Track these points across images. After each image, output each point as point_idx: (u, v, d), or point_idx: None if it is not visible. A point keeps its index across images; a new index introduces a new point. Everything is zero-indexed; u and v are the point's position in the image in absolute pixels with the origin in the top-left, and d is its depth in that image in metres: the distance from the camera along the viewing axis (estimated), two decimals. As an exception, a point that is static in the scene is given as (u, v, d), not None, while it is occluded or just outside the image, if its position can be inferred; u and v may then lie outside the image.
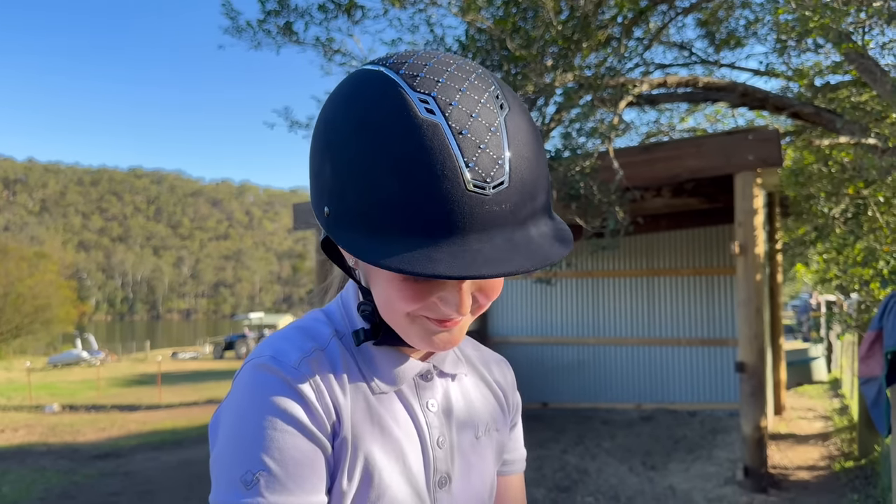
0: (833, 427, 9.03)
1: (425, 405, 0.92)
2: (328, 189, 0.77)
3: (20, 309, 41.51)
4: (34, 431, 12.91)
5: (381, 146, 0.72)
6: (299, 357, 0.84)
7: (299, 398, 0.81)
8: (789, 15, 5.75)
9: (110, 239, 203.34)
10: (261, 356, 0.84)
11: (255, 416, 0.80)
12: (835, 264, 8.10)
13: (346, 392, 0.86)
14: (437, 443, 0.91)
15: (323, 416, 0.82)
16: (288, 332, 0.89)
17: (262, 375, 0.82)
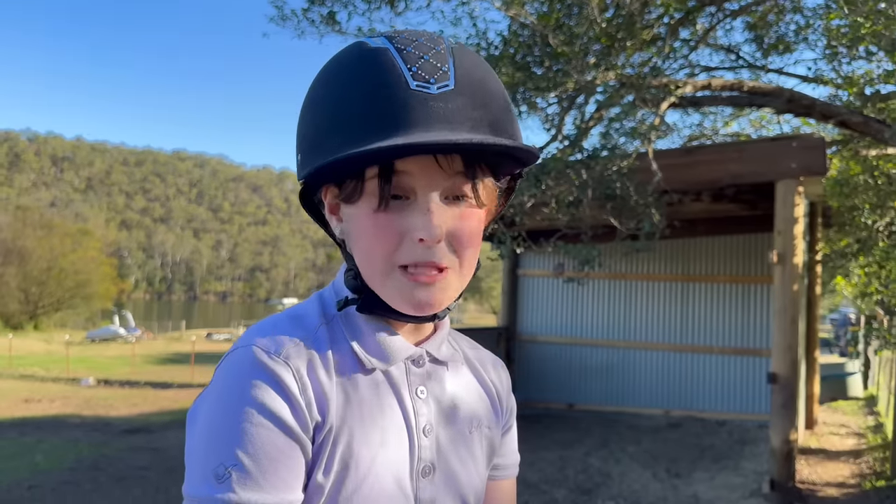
0: (866, 444, 8.83)
1: (415, 391, 0.89)
2: (298, 141, 0.85)
3: (62, 283, 42.56)
4: (69, 403, 13.23)
5: (334, 78, 0.82)
6: (285, 347, 0.81)
7: (281, 391, 0.78)
8: (841, 20, 5.61)
9: (152, 219, 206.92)
10: (246, 344, 0.81)
11: (233, 407, 0.77)
12: (876, 278, 7.91)
13: (333, 380, 0.83)
14: (423, 431, 0.88)
15: (305, 412, 0.79)
16: (277, 319, 0.86)
17: (245, 365, 0.79)
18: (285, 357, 0.80)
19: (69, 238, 48.30)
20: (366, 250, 0.83)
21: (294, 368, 0.79)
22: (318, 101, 0.83)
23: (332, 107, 0.81)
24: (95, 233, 66.79)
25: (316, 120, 0.82)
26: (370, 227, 0.82)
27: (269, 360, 0.79)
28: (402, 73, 0.78)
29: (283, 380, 0.78)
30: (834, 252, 10.17)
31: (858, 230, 7.49)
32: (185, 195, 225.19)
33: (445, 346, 0.94)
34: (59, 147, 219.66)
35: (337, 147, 0.78)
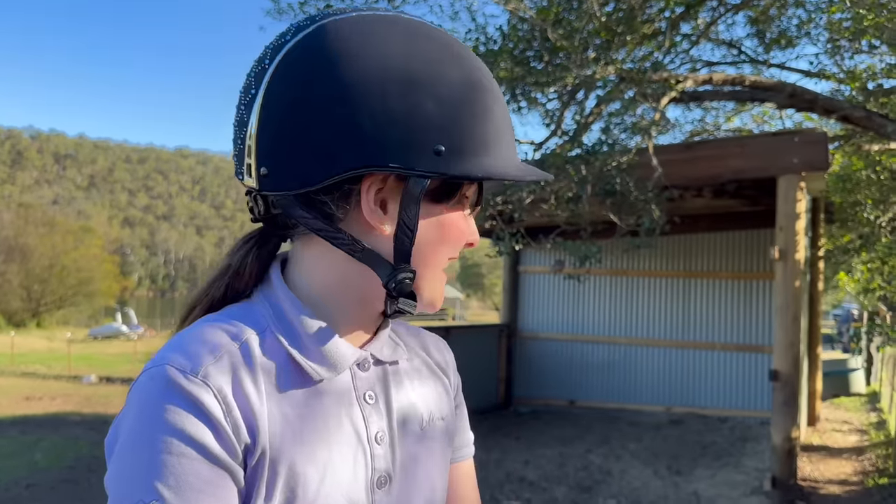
0: (868, 441, 8.78)
1: (362, 397, 0.83)
2: (435, 125, 0.74)
3: (64, 281, 42.60)
4: (70, 401, 13.22)
5: (469, 74, 0.78)
6: (204, 363, 0.72)
7: (202, 416, 0.70)
8: (843, 13, 5.55)
9: (155, 217, 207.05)
10: (158, 364, 0.73)
11: (149, 436, 0.69)
12: (879, 274, 7.85)
13: (263, 398, 0.75)
14: (375, 439, 0.82)
15: (231, 437, 0.71)
16: (195, 331, 0.77)
17: (159, 387, 0.71)
18: (204, 376, 0.71)
19: (72, 235, 48.35)
20: (436, 246, 0.81)
21: (215, 388, 0.71)
22: (461, 88, 0.77)
23: (480, 101, 0.78)
24: (98, 230, 66.88)
25: (466, 112, 0.77)
26: (456, 226, 0.81)
27: (185, 381, 0.71)
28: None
29: (203, 403, 0.70)
30: (836, 248, 10.11)
31: (861, 226, 7.43)
32: (187, 192, 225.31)
33: (388, 345, 0.89)
34: (61, 145, 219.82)
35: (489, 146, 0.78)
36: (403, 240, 0.77)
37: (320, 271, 0.81)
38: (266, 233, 0.86)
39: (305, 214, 0.77)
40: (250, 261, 0.84)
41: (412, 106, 0.73)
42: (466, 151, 0.75)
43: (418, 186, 0.75)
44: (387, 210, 0.77)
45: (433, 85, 0.75)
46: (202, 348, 0.74)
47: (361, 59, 0.73)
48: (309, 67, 0.74)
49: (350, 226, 0.78)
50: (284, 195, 0.77)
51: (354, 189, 0.76)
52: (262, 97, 0.76)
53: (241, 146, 0.79)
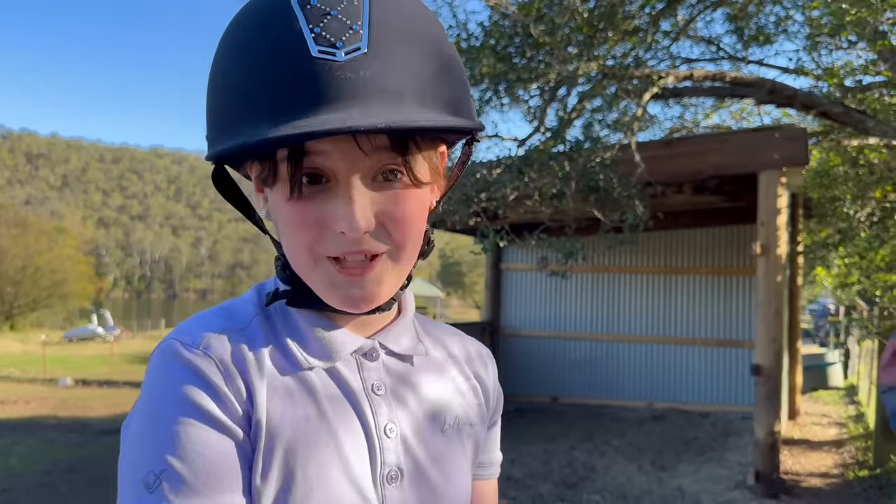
0: (848, 434, 8.88)
1: (370, 388, 0.80)
2: (210, 111, 0.75)
3: (38, 283, 41.97)
4: (46, 404, 13.01)
5: (233, 42, 0.72)
6: (204, 338, 0.74)
7: (203, 383, 0.71)
8: (822, 10, 5.59)
9: (130, 217, 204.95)
10: (165, 340, 0.75)
11: (156, 408, 0.71)
12: (857, 269, 7.94)
13: (264, 373, 0.74)
14: (384, 431, 0.79)
15: (234, 402, 0.72)
16: (205, 314, 0.79)
17: (164, 361, 0.73)
18: (205, 347, 0.73)
19: (45, 236, 47.64)
20: (287, 240, 0.74)
21: (216, 358, 0.73)
22: (218, 68, 0.73)
23: (232, 72, 0.70)
24: (72, 231, 66.02)
25: (217, 90, 0.73)
26: (287, 216, 0.72)
27: (187, 352, 0.72)
28: (304, 38, 0.65)
29: (204, 370, 0.72)
30: (814, 243, 10.22)
31: (839, 221, 7.50)
32: (163, 192, 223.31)
33: (407, 337, 0.84)
34: (33, 144, 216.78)
35: (239, 120, 0.69)
36: (259, 226, 0.83)
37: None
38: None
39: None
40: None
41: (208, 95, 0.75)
42: (226, 127, 0.70)
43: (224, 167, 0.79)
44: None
45: (212, 76, 0.75)
46: (204, 326, 0.76)
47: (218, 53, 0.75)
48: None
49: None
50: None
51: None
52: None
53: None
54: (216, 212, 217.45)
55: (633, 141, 5.97)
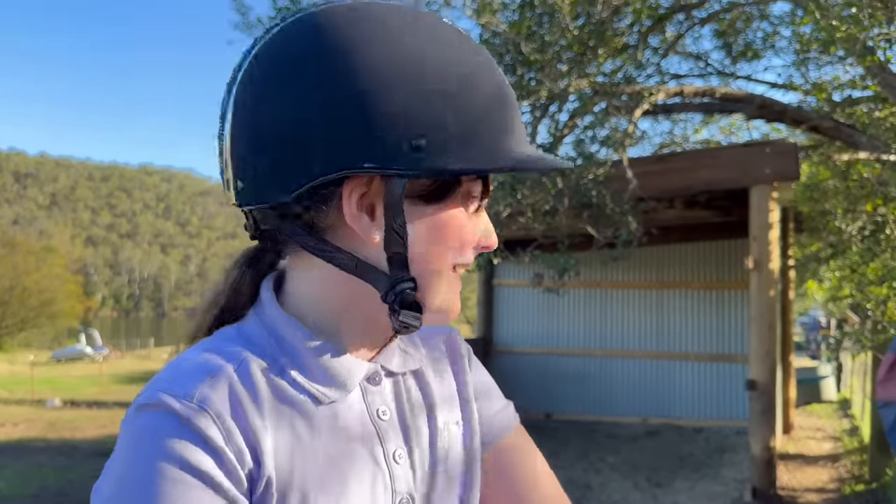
0: (843, 448, 8.87)
1: (375, 414, 0.76)
2: (412, 116, 0.66)
3: (26, 302, 41.63)
4: (34, 426, 12.84)
5: (446, 51, 0.70)
6: (199, 388, 0.66)
7: (201, 443, 0.64)
8: (811, 26, 5.63)
9: (118, 235, 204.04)
10: (151, 391, 0.66)
11: (144, 466, 0.63)
12: (849, 282, 7.95)
13: (267, 420, 0.69)
14: (394, 458, 0.76)
15: (235, 463, 0.65)
16: (187, 356, 0.71)
17: (152, 418, 0.65)
18: (200, 401, 0.65)
19: (33, 256, 47.34)
20: (438, 251, 0.72)
21: (213, 413, 0.65)
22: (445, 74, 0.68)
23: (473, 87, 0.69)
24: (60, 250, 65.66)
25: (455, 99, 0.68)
26: (457, 227, 0.73)
27: (180, 407, 0.65)
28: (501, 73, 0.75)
29: (202, 429, 0.64)
30: (805, 256, 10.25)
31: (831, 234, 7.53)
32: (152, 210, 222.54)
33: (397, 353, 0.82)
34: (21, 163, 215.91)
35: (490, 143, 0.69)
36: (393, 246, 0.70)
37: (315, 287, 0.75)
38: (260, 249, 0.80)
39: (289, 227, 0.72)
40: (246, 281, 0.79)
41: (387, 98, 0.66)
42: (450, 142, 0.67)
43: (398, 186, 0.68)
44: (374, 216, 0.70)
45: (414, 71, 0.67)
46: (196, 372, 0.68)
47: (324, 55, 0.67)
48: (270, 70, 0.69)
49: (338, 236, 0.71)
50: (261, 208, 0.72)
51: (336, 194, 0.69)
52: (231, 106, 0.71)
53: (221, 160, 0.74)
54: (205, 229, 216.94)
55: (625, 157, 5.99)
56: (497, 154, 0.69)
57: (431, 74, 0.67)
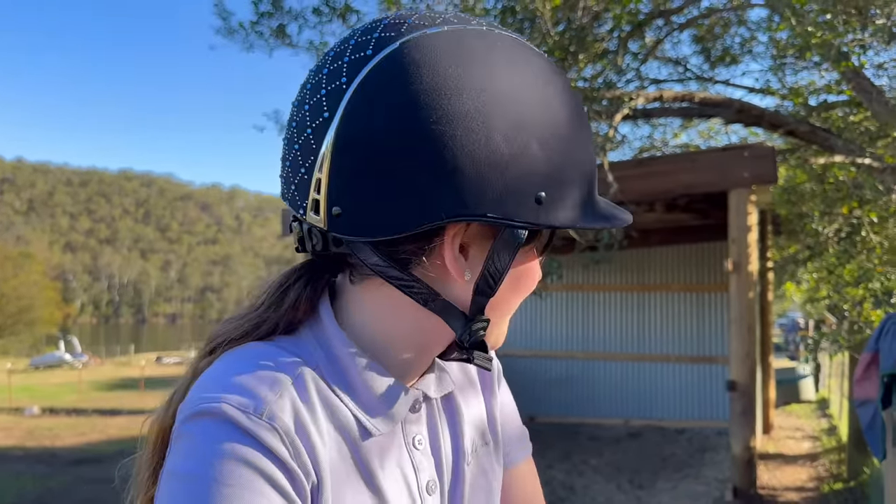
0: (821, 447, 8.98)
1: (411, 443, 0.76)
2: (539, 169, 0.66)
3: (3, 309, 41.12)
4: (12, 435, 12.70)
5: (570, 107, 0.70)
6: (266, 403, 0.64)
7: (273, 458, 0.63)
8: (787, 32, 5.72)
9: (98, 241, 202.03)
10: (212, 401, 0.64)
11: (222, 475, 0.61)
12: (826, 283, 8.06)
13: (325, 440, 0.68)
14: (427, 489, 0.76)
15: (304, 481, 0.64)
16: (245, 363, 0.68)
17: (222, 429, 0.62)
18: (269, 417, 0.64)
19: (10, 262, 46.75)
20: (513, 294, 0.74)
21: (282, 431, 0.64)
22: (565, 131, 0.69)
23: (582, 145, 0.71)
24: (38, 256, 64.84)
25: (572, 157, 0.69)
26: (534, 274, 0.76)
27: (250, 423, 0.63)
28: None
29: (272, 446, 0.63)
30: (783, 258, 10.37)
31: (808, 237, 7.63)
32: (131, 215, 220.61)
33: (436, 378, 0.81)
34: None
35: (591, 198, 0.72)
36: (486, 290, 0.69)
37: (382, 316, 0.73)
38: (318, 267, 0.77)
39: (379, 262, 0.68)
40: (304, 297, 0.75)
41: (518, 148, 0.64)
42: (566, 198, 0.68)
43: (516, 238, 0.67)
44: (468, 257, 0.69)
45: (538, 122, 0.66)
46: (260, 384, 0.65)
47: (463, 92, 0.63)
48: (399, 96, 0.63)
49: (426, 272, 0.69)
50: (359, 240, 0.67)
51: (438, 235, 0.67)
52: (337, 123, 0.64)
53: (307, 176, 0.67)
54: (186, 234, 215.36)
55: (606, 161, 6.04)
56: (595, 209, 0.72)
57: (554, 129, 0.67)
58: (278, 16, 5.87)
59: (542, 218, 0.66)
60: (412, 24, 0.67)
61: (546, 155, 0.66)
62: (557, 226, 0.68)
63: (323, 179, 0.65)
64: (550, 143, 0.67)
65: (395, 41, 0.65)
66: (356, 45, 0.66)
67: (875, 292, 6.02)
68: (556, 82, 0.70)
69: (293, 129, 0.68)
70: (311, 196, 0.67)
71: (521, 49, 0.69)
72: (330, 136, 0.64)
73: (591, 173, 0.72)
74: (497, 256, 0.68)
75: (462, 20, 0.68)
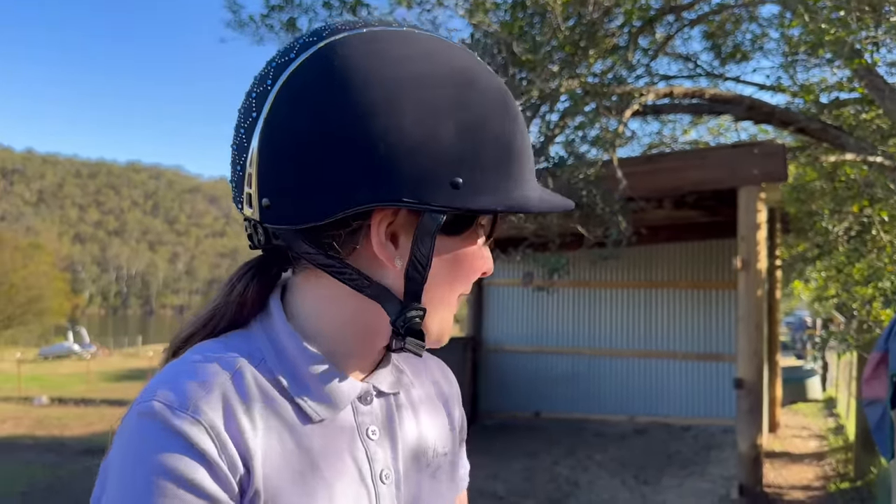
0: (828, 447, 8.96)
1: (365, 433, 0.77)
2: (453, 156, 0.68)
3: (13, 299, 41.31)
4: (21, 424, 12.79)
5: (489, 97, 0.72)
6: (192, 398, 0.67)
7: (195, 454, 0.65)
8: (799, 28, 5.69)
9: (106, 232, 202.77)
10: (146, 399, 0.67)
11: (138, 479, 0.64)
12: (835, 282, 8.04)
13: (258, 432, 0.69)
14: (381, 478, 0.77)
15: (228, 475, 0.66)
16: (185, 362, 0.72)
17: (147, 426, 0.66)
18: (193, 411, 0.66)
19: (20, 253, 46.95)
20: (449, 282, 0.75)
21: (207, 424, 0.66)
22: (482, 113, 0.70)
23: (500, 127, 0.72)
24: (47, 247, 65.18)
25: (488, 141, 0.71)
26: (472, 260, 0.76)
27: (174, 417, 0.65)
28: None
29: (195, 440, 0.65)
30: (792, 257, 10.34)
31: (817, 235, 7.60)
32: (139, 207, 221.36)
33: (391, 374, 0.83)
34: (8, 160, 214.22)
35: (517, 182, 0.72)
36: (415, 276, 0.71)
37: (324, 305, 0.75)
38: (266, 261, 0.80)
39: (310, 249, 0.72)
40: (251, 291, 0.78)
41: (429, 136, 0.67)
42: (486, 183, 0.70)
43: (433, 222, 0.69)
44: (398, 244, 0.71)
45: (452, 112, 0.69)
46: (192, 380, 0.69)
47: (375, 85, 0.67)
48: (316, 92, 0.68)
49: (358, 260, 0.72)
50: (287, 229, 0.71)
51: (364, 223, 0.70)
52: (263, 122, 0.69)
53: (241, 173, 0.72)
54: (194, 227, 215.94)
55: (615, 157, 6.03)
56: (523, 193, 0.72)
57: (468, 116, 0.69)
58: (289, 9, 5.88)
59: (458, 202, 0.69)
60: (335, 28, 0.71)
61: (460, 140, 0.69)
62: (476, 210, 0.70)
63: (253, 174, 0.70)
64: (467, 129, 0.69)
65: (316, 44, 0.70)
66: (283, 50, 0.72)
67: (885, 291, 6.00)
68: (477, 72, 0.72)
69: (234, 133, 0.74)
70: (245, 190, 0.72)
71: (437, 43, 0.73)
72: (257, 133, 0.69)
73: (520, 158, 0.73)
74: (420, 243, 0.70)
75: (384, 23, 0.73)
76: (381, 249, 0.71)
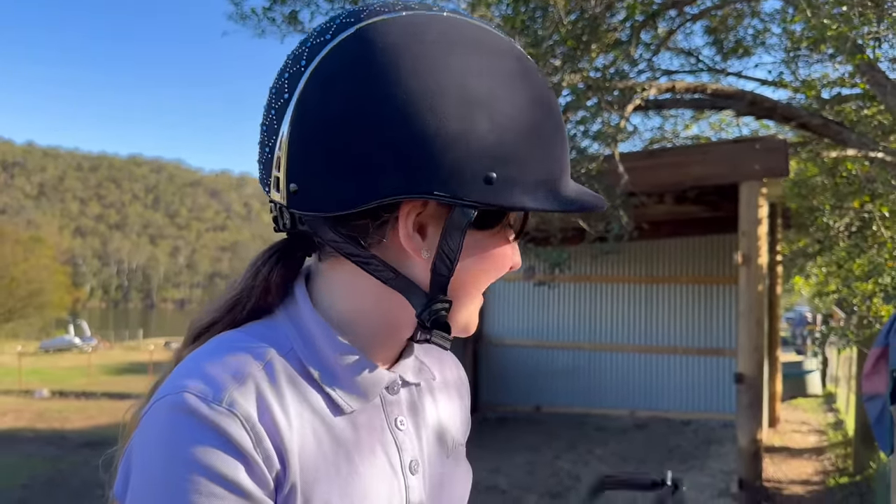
0: (827, 441, 8.98)
1: (394, 423, 0.77)
2: (489, 151, 0.66)
3: (14, 293, 41.39)
4: (22, 417, 12.81)
5: (532, 92, 0.70)
6: (227, 389, 0.65)
7: (231, 448, 0.63)
8: (802, 24, 5.69)
9: (107, 226, 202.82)
10: (177, 390, 0.65)
11: (172, 476, 0.62)
12: (835, 278, 8.04)
13: (293, 424, 0.68)
14: (410, 468, 0.76)
15: (264, 469, 0.65)
16: (213, 352, 0.70)
17: (179, 419, 0.63)
18: (229, 404, 0.64)
19: (21, 246, 47.01)
20: (476, 275, 0.74)
21: (242, 417, 0.64)
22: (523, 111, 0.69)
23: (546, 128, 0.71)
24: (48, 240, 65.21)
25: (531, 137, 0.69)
26: (501, 255, 0.75)
27: (209, 410, 0.63)
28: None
29: (231, 434, 0.63)
30: (793, 252, 10.34)
31: (818, 230, 7.60)
32: (140, 201, 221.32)
33: (413, 363, 0.83)
34: (9, 152, 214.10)
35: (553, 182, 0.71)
36: (442, 269, 0.70)
37: (349, 295, 0.74)
38: (291, 246, 0.78)
39: (336, 238, 0.70)
40: (276, 275, 0.77)
41: (467, 129, 0.65)
42: (521, 180, 0.68)
43: (464, 217, 0.68)
44: (425, 236, 0.70)
45: (492, 105, 0.67)
46: (224, 372, 0.67)
47: (414, 73, 0.65)
48: (352, 77, 0.65)
49: (384, 250, 0.71)
50: (315, 215, 0.70)
51: (392, 214, 0.69)
52: (294, 105, 0.67)
53: (270, 155, 0.70)
54: (195, 220, 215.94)
55: (617, 152, 6.03)
56: (559, 193, 0.71)
57: (508, 110, 0.68)
58: (290, 2, 5.87)
59: (490, 198, 0.67)
60: (372, 10, 0.69)
61: (498, 136, 0.67)
62: (507, 207, 0.68)
63: (283, 157, 0.68)
64: (504, 125, 0.67)
65: (352, 26, 0.68)
66: (319, 31, 0.70)
67: (885, 287, 6.00)
68: (520, 67, 0.70)
69: (264, 112, 0.71)
70: (274, 174, 0.70)
71: (481, 32, 0.70)
72: (288, 115, 0.68)
73: (557, 158, 0.71)
74: (449, 236, 0.69)
75: (424, 6, 0.70)
76: (409, 241, 0.69)
